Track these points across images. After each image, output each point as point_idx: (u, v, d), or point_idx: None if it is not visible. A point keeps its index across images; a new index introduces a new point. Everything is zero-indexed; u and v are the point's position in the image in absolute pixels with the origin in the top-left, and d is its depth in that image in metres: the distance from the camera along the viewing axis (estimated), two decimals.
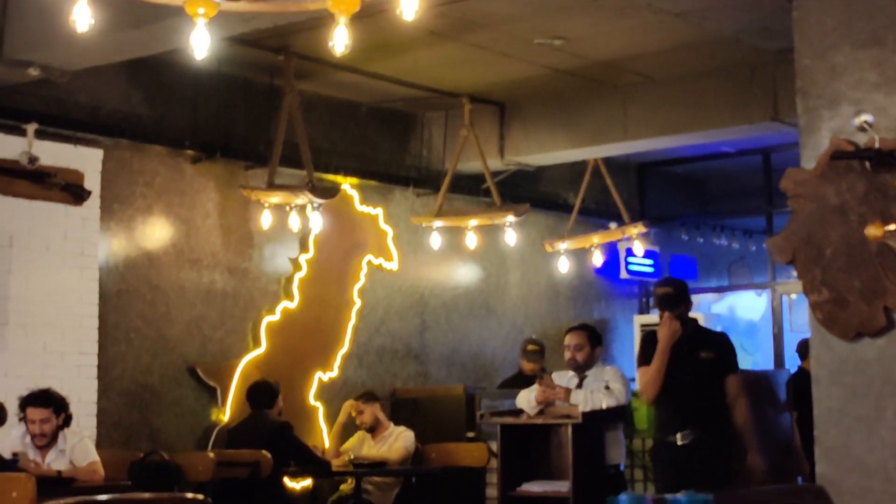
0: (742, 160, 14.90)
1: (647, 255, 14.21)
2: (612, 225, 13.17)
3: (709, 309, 16.65)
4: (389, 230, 12.47)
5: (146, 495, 4.47)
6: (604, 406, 8.90)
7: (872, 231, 6.83)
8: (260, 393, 10.39)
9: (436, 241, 11.99)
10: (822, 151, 7.19)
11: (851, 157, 7.00)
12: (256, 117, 11.53)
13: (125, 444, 10.26)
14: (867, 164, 6.96)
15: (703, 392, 8.31)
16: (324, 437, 11.61)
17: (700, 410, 8.27)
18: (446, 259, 13.04)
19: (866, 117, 6.97)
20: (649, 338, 8.64)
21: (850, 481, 7.06)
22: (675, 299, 8.54)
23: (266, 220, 10.91)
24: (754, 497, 5.48)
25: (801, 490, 6.61)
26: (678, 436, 8.23)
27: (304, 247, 11.81)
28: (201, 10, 4.88)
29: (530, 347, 12.15)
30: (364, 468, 10.43)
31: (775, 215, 14.69)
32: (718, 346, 8.53)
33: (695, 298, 16.44)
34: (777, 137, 12.51)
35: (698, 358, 8.38)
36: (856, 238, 6.98)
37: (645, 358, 8.56)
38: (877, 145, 6.92)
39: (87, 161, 10.15)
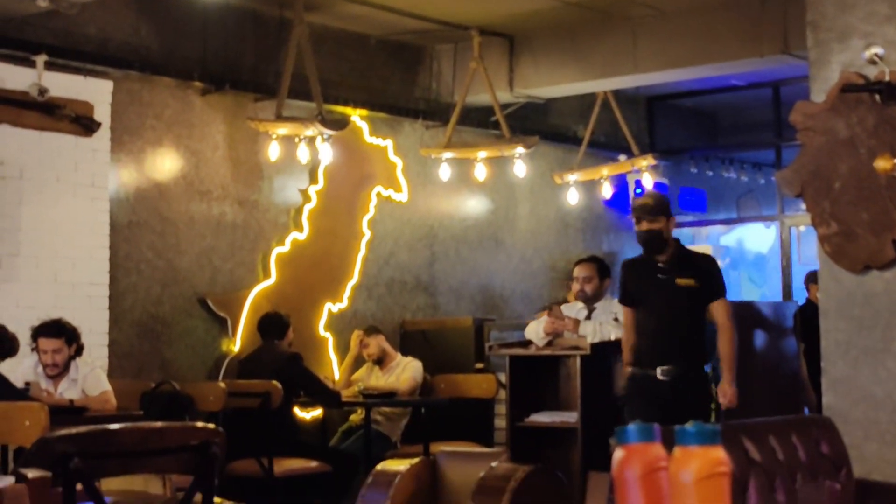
0: (752, 93, 14.87)
1: (657, 187, 14.20)
2: (622, 157, 13.17)
3: (718, 241, 16.69)
4: (399, 162, 12.48)
5: (158, 424, 4.52)
6: (612, 337, 8.90)
7: (882, 164, 6.84)
8: (271, 324, 10.46)
9: (445, 172, 12.00)
10: (832, 84, 7.19)
11: (861, 90, 7.00)
12: (265, 49, 11.52)
13: (136, 375, 10.33)
14: (877, 97, 6.96)
15: (684, 323, 7.87)
16: (333, 367, 11.68)
17: (681, 343, 7.85)
18: (455, 191, 13.05)
19: (877, 50, 6.96)
20: (626, 270, 8.29)
21: (857, 412, 7.11)
22: (654, 209, 7.93)
23: (274, 151, 10.91)
24: (761, 428, 5.52)
25: (808, 421, 6.65)
26: (658, 370, 7.83)
27: (313, 178, 11.82)
28: None
29: None
30: (373, 398, 10.50)
31: (784, 148, 14.68)
32: (701, 273, 7.95)
33: (704, 230, 16.59)
34: (787, 70, 12.46)
35: (676, 286, 7.87)
36: (865, 171, 6.99)
37: (624, 296, 8.22)
38: (887, 78, 6.91)
39: (96, 93, 10.17)
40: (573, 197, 13.08)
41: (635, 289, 8.12)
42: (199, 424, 4.44)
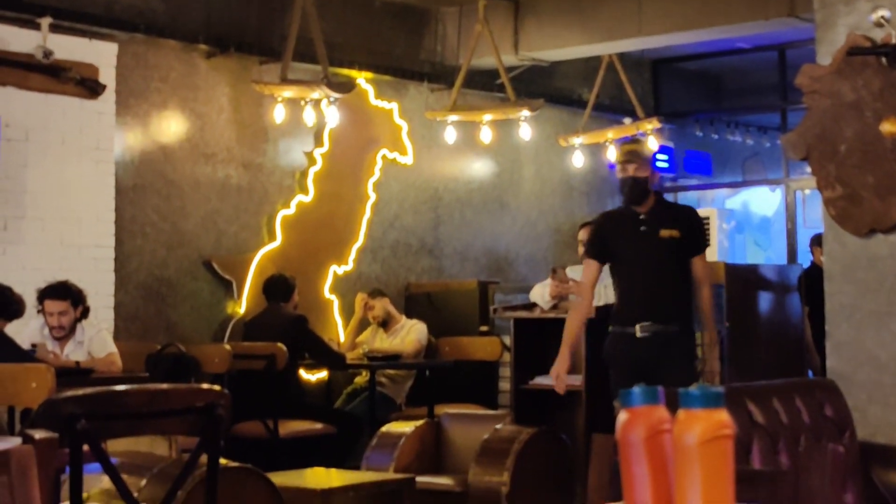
0: (757, 56, 14.82)
1: (662, 150, 14.18)
2: (627, 120, 13.15)
3: (723, 204, 16.67)
4: (404, 125, 12.46)
5: (164, 386, 4.52)
6: None
7: (887, 127, 6.83)
8: (276, 286, 10.46)
9: (450, 135, 11.98)
10: (838, 47, 7.17)
11: (867, 53, 6.98)
12: (270, 12, 11.49)
13: (142, 337, 10.36)
14: (883, 60, 6.94)
15: (668, 277, 7.37)
16: (339, 330, 11.71)
17: (667, 298, 7.35)
18: (460, 154, 13.05)
19: (883, 13, 6.93)
20: (604, 221, 7.92)
21: (861, 375, 7.12)
22: (646, 156, 7.68)
23: (279, 114, 10.92)
24: (765, 390, 5.54)
25: (812, 384, 6.66)
26: (637, 327, 7.31)
27: (318, 141, 11.82)
28: None
29: None
30: (378, 361, 10.53)
31: (790, 111, 14.65)
32: (683, 224, 7.48)
33: (709, 194, 16.57)
34: (793, 33, 12.43)
35: (659, 238, 7.39)
36: (870, 134, 6.98)
37: (599, 249, 7.65)
38: (893, 41, 6.89)
39: (101, 55, 10.16)
40: (578, 160, 13.08)
41: (614, 242, 7.61)
42: (205, 386, 4.44)
